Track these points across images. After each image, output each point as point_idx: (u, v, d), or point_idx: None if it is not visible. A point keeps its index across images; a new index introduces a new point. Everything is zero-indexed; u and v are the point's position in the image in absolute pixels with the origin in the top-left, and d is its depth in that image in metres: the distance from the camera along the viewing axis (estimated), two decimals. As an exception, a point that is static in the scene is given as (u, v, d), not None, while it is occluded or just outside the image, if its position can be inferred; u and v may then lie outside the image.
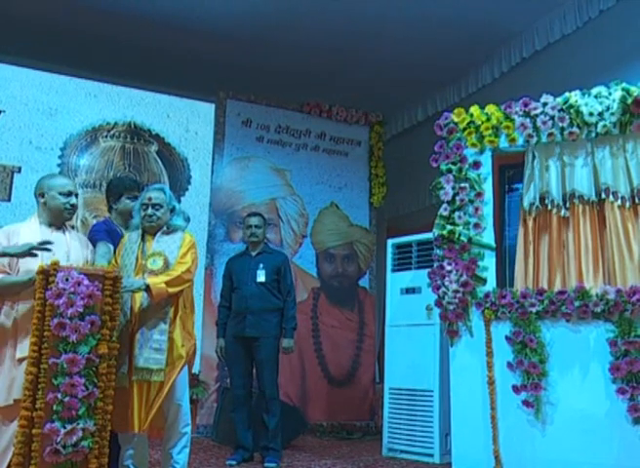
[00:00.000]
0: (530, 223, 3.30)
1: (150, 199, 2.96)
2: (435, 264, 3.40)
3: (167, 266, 2.87)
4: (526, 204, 3.32)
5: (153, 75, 5.50)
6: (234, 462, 3.76)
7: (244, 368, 3.94)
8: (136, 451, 2.89)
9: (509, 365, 3.10)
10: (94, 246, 2.90)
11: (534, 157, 3.32)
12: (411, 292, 4.38)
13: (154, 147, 5.51)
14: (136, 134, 5.45)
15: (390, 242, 4.65)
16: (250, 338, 3.91)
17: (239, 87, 5.63)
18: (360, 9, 4.64)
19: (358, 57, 5.19)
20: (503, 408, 3.12)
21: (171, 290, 2.81)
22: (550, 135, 3.23)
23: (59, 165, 5.14)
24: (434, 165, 3.49)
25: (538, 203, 3.28)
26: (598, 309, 2.92)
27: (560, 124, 3.21)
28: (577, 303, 2.96)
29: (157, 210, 2.95)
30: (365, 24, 4.83)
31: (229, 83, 5.56)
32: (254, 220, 4.10)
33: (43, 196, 2.72)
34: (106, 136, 5.36)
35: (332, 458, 4.11)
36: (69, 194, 2.73)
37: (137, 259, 2.90)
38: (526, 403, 3.04)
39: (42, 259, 2.54)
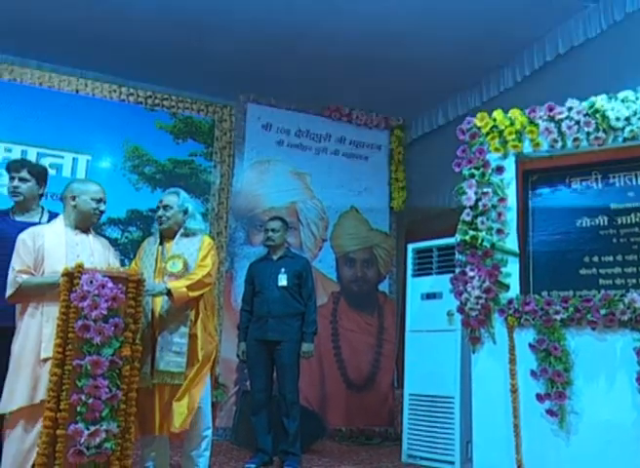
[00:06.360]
0: None
1: (161, 201, 3.08)
2: (457, 270, 3.35)
3: (187, 269, 2.90)
4: None
5: (174, 78, 5.54)
6: (254, 465, 3.76)
7: (265, 371, 3.94)
8: (157, 454, 2.91)
9: (533, 373, 3.04)
10: None
11: None
12: (432, 297, 4.34)
13: (175, 150, 5.56)
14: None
15: (410, 247, 4.62)
16: (272, 342, 3.90)
17: (260, 91, 5.64)
18: (381, 13, 4.63)
19: (378, 61, 5.17)
20: (527, 416, 3.06)
21: (192, 294, 2.84)
22: (576, 140, 3.17)
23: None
24: (457, 169, 3.44)
25: None
26: (625, 317, 2.85)
27: (586, 129, 3.15)
28: (603, 311, 2.90)
29: (167, 210, 3.03)
30: (386, 29, 4.81)
31: (250, 87, 5.58)
32: (270, 224, 4.12)
33: (74, 199, 2.78)
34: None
35: (351, 464, 4.08)
36: (100, 201, 2.82)
37: (156, 262, 2.95)
38: (550, 412, 2.98)
39: (67, 261, 2.58)
